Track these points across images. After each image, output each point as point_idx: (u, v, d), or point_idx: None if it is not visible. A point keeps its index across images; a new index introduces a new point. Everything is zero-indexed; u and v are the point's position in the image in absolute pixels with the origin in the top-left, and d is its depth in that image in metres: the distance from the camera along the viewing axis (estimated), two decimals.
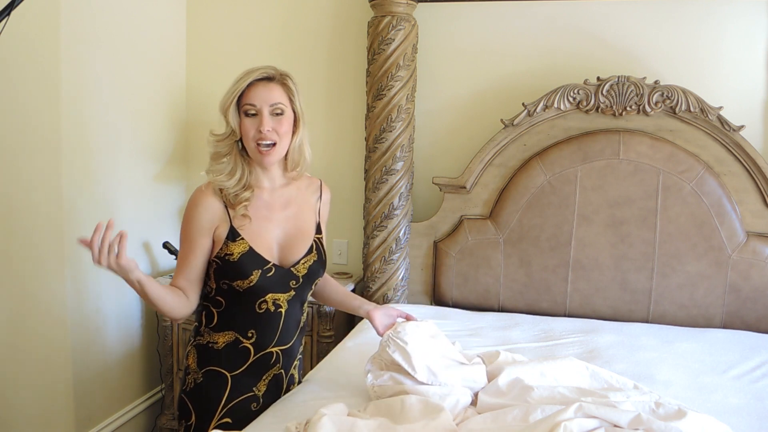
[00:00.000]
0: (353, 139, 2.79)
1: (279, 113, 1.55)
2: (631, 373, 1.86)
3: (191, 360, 1.64)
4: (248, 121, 1.55)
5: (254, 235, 1.58)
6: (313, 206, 1.72)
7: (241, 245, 1.56)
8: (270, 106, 1.54)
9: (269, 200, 1.63)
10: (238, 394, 1.61)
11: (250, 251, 1.56)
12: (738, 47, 2.42)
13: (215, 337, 1.61)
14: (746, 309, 2.32)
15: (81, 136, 2.32)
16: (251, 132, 1.54)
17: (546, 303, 2.48)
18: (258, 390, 1.64)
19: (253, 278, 1.56)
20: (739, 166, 2.34)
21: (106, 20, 2.40)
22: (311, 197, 1.73)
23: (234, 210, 1.56)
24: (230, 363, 1.60)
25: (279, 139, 1.56)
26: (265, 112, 1.54)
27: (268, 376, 1.65)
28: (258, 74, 1.54)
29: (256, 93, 1.54)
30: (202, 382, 1.61)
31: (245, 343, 1.60)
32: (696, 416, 1.31)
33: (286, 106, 1.57)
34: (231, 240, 1.55)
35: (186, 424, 1.63)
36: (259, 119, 1.54)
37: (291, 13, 2.82)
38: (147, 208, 2.74)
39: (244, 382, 1.62)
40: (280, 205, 1.64)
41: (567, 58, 2.55)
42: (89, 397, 2.42)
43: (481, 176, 2.54)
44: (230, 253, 1.55)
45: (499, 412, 1.41)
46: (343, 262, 2.87)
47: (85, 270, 2.37)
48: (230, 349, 1.60)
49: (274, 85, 1.56)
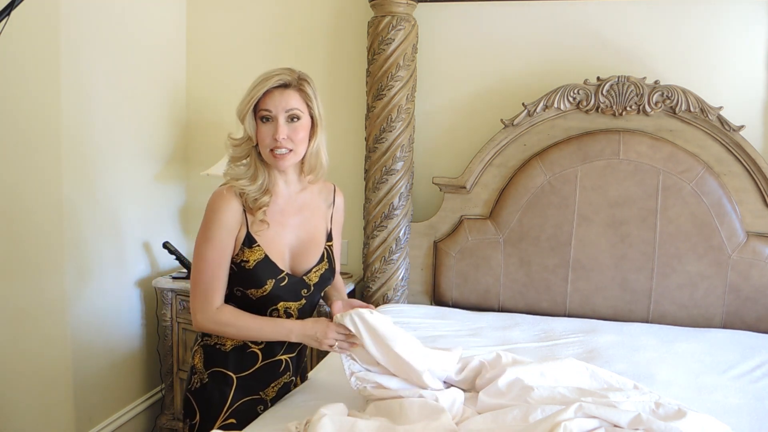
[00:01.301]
0: (353, 139, 2.79)
1: (295, 119, 1.53)
2: (631, 373, 1.86)
3: (197, 360, 1.63)
4: (264, 127, 1.52)
5: (269, 242, 1.56)
6: (324, 213, 1.70)
7: (257, 252, 1.54)
8: (286, 112, 1.52)
9: (284, 206, 1.60)
10: (243, 395, 1.60)
11: (265, 259, 1.54)
12: (738, 47, 2.42)
13: (223, 339, 1.59)
14: (746, 309, 2.32)
15: (81, 136, 2.32)
16: (267, 139, 1.52)
17: (546, 303, 2.48)
18: (266, 395, 1.63)
19: (267, 287, 1.54)
20: (739, 166, 2.34)
21: (106, 20, 2.40)
22: (323, 203, 1.70)
23: (252, 215, 1.54)
24: (237, 366, 1.59)
25: (294, 146, 1.53)
26: (281, 118, 1.51)
27: (278, 384, 1.65)
28: (274, 81, 1.51)
29: (272, 99, 1.51)
30: (207, 383, 1.60)
31: (253, 348, 1.59)
32: (696, 416, 1.31)
33: (303, 111, 1.54)
34: (247, 246, 1.53)
35: (191, 422, 1.62)
36: (275, 126, 1.51)
37: (291, 13, 2.82)
38: (147, 208, 2.74)
39: (250, 384, 1.60)
40: (294, 211, 1.62)
41: (567, 57, 2.55)
42: (89, 397, 2.42)
43: (481, 176, 2.54)
44: (246, 260, 1.53)
45: (499, 412, 1.41)
46: (343, 262, 2.86)
47: (86, 270, 2.37)
48: (238, 352, 1.59)
49: (290, 91, 1.53)
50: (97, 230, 2.43)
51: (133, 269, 2.68)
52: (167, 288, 2.61)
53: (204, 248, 1.52)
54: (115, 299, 2.57)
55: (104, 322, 2.50)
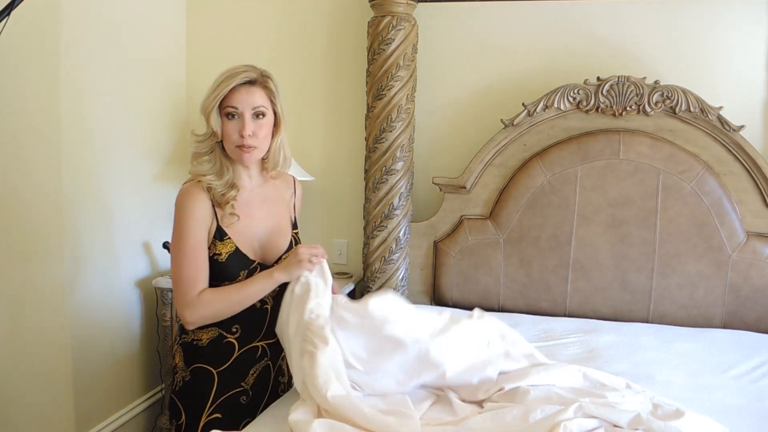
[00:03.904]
0: (353, 139, 2.79)
1: (261, 116, 1.56)
2: (631, 373, 1.86)
3: (178, 359, 1.66)
4: (230, 124, 1.55)
5: (239, 234, 1.59)
6: (288, 203, 1.75)
7: (228, 245, 1.57)
8: (252, 109, 1.55)
9: (249, 198, 1.64)
10: (226, 390, 1.62)
11: (236, 251, 1.58)
12: (738, 47, 2.42)
13: (199, 334, 1.61)
14: (746, 309, 2.32)
15: (81, 136, 2.32)
16: (233, 136, 1.55)
17: (546, 303, 2.48)
18: (246, 384, 1.65)
19: (241, 279, 1.57)
20: (739, 166, 2.34)
21: (106, 20, 2.40)
22: (285, 193, 1.75)
23: (221, 209, 1.57)
24: (215, 359, 1.61)
25: (259, 142, 1.57)
26: (247, 115, 1.55)
27: (256, 370, 1.66)
28: (240, 79, 1.54)
29: (238, 96, 1.54)
30: (189, 380, 1.62)
31: (229, 338, 1.62)
32: (693, 416, 1.31)
33: (267, 108, 1.58)
34: (219, 239, 1.56)
35: (177, 423, 1.63)
36: (241, 122, 1.54)
37: (291, 13, 2.82)
38: (147, 208, 2.74)
39: (231, 377, 1.62)
40: (259, 203, 1.66)
41: (567, 57, 2.55)
42: (89, 397, 2.42)
43: (481, 176, 2.54)
44: (218, 252, 1.56)
45: (499, 411, 1.41)
46: (343, 262, 2.87)
47: (86, 270, 2.37)
48: (214, 345, 1.61)
49: (256, 88, 1.56)
50: (96, 230, 2.43)
51: (133, 269, 2.68)
52: (167, 288, 2.60)
53: (181, 244, 1.54)
54: (115, 299, 2.57)
55: (104, 322, 2.50)
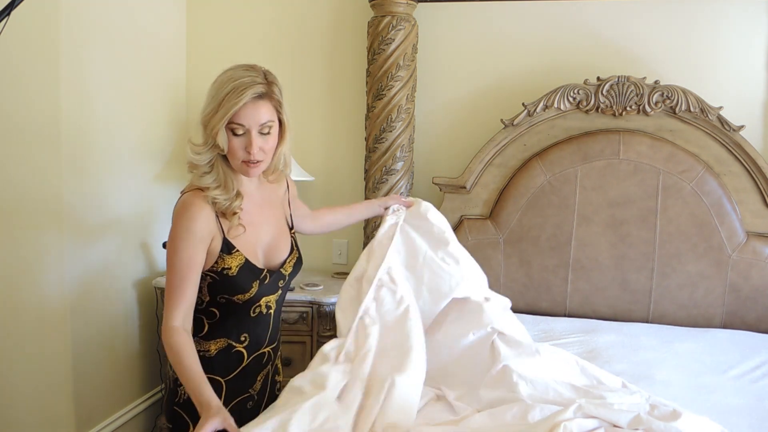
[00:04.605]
0: (353, 139, 2.79)
1: (267, 132, 1.47)
2: (630, 373, 1.86)
3: None
4: (236, 140, 1.45)
5: (246, 245, 1.53)
6: (282, 200, 1.70)
7: (237, 258, 1.51)
8: (259, 125, 1.45)
9: (249, 206, 1.57)
10: (234, 397, 1.58)
11: (246, 263, 1.52)
12: (738, 47, 2.42)
13: (206, 346, 1.56)
14: (746, 309, 2.32)
15: (81, 136, 2.31)
16: (239, 152, 1.46)
17: (546, 303, 2.48)
18: (254, 390, 1.63)
19: (254, 289, 1.53)
20: (739, 166, 2.34)
21: (106, 20, 2.40)
22: (279, 191, 1.70)
23: (227, 220, 1.50)
24: (224, 369, 1.57)
25: (265, 156, 1.49)
26: (254, 132, 1.45)
27: (262, 376, 1.65)
28: (248, 96, 1.43)
29: (245, 113, 1.44)
30: None
31: (238, 347, 1.58)
32: (691, 417, 1.31)
33: (274, 121, 1.48)
34: (226, 253, 1.49)
35: None
36: (248, 139, 1.45)
37: (291, 13, 2.82)
38: (147, 208, 2.74)
39: (239, 385, 1.59)
40: (258, 209, 1.60)
41: (567, 57, 2.55)
42: (89, 397, 2.42)
43: (481, 176, 2.54)
44: (228, 267, 1.49)
45: (498, 410, 1.41)
46: (343, 262, 2.87)
47: (86, 270, 2.37)
48: (223, 355, 1.57)
49: (263, 102, 1.45)
50: (96, 230, 2.43)
51: (133, 269, 2.68)
52: None
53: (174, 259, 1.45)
54: (115, 299, 2.57)
55: (104, 322, 2.50)
